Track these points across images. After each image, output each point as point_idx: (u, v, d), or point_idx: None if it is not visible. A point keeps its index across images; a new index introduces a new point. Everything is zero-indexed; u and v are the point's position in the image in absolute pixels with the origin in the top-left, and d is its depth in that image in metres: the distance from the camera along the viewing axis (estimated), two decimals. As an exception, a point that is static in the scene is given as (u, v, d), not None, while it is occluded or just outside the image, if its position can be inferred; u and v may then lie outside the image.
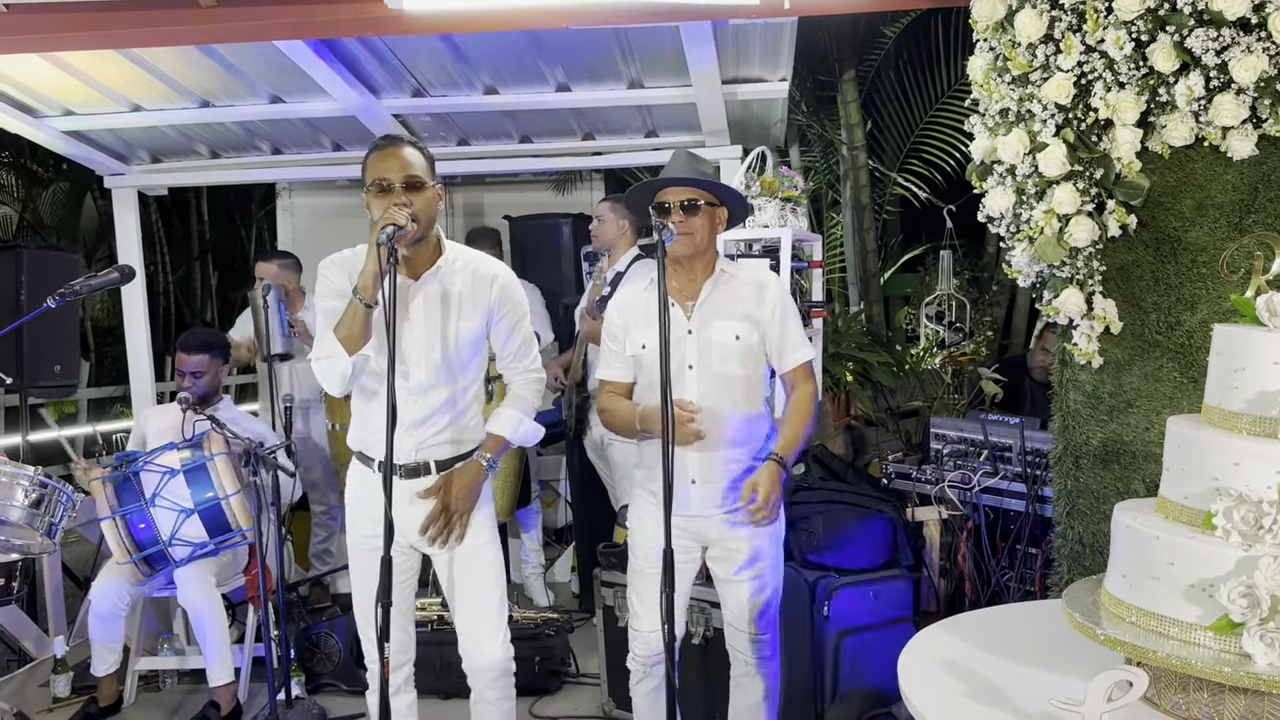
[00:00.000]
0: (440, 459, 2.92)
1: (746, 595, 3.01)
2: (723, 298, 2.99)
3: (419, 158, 2.78)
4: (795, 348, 3.03)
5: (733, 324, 2.97)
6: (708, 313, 2.98)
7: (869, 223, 8.99)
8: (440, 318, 2.86)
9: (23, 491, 3.50)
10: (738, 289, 3.00)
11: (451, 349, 2.87)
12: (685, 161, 3.02)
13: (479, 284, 2.90)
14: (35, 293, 5.28)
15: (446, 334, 2.87)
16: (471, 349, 2.92)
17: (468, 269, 2.90)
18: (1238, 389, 1.93)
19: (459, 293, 2.88)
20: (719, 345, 2.95)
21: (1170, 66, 2.74)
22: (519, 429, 3.01)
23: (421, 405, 2.87)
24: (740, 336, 2.96)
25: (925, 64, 9.14)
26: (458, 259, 2.91)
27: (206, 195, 13.16)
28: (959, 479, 4.01)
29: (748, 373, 2.98)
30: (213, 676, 3.98)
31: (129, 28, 3.72)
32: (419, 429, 2.88)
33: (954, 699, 2.05)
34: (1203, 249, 2.91)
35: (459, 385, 2.92)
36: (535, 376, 3.05)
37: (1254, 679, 1.71)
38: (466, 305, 2.88)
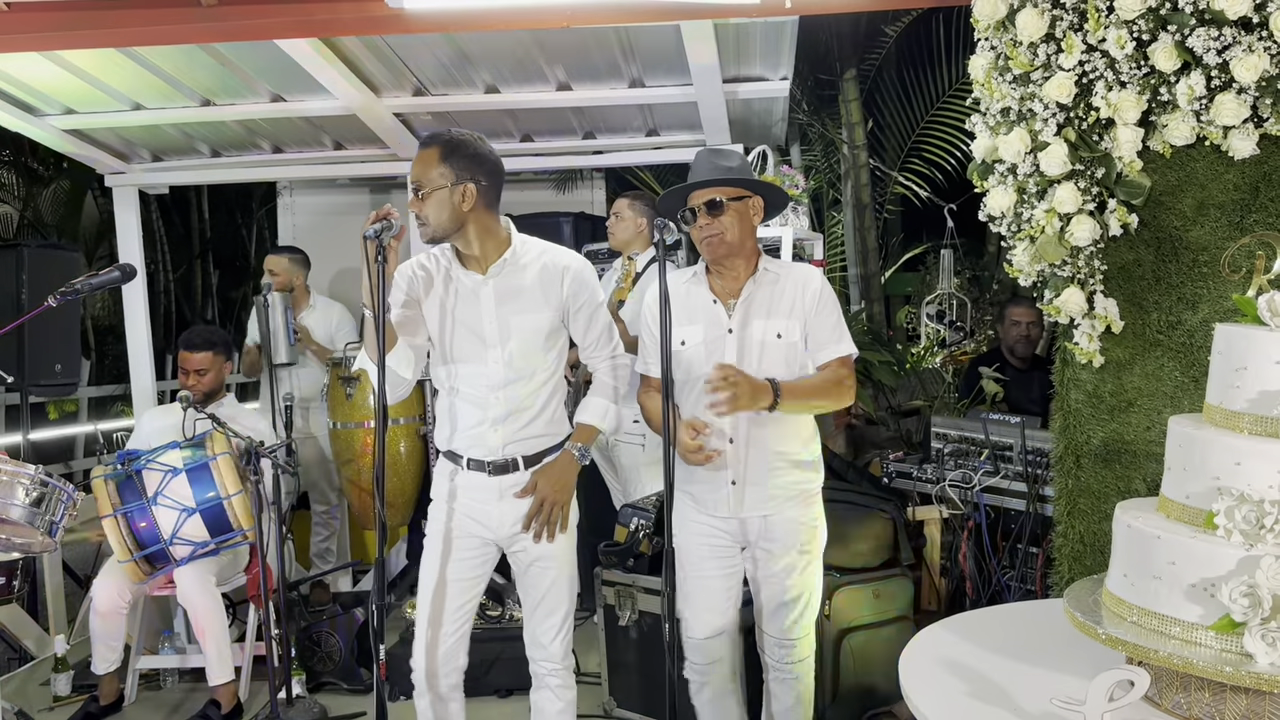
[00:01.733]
0: (527, 454, 2.92)
1: (777, 596, 2.97)
2: (765, 296, 2.94)
3: (431, 159, 2.77)
4: (831, 342, 2.93)
5: (774, 322, 2.92)
6: (749, 311, 2.93)
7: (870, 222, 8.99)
8: (511, 312, 2.86)
9: (23, 490, 3.50)
10: (781, 286, 2.95)
11: (525, 342, 2.87)
12: (705, 161, 2.97)
13: (549, 276, 2.89)
14: (36, 291, 5.29)
15: (519, 328, 2.86)
16: (545, 341, 2.91)
17: (537, 262, 2.90)
18: (1239, 388, 1.93)
19: (529, 286, 2.88)
20: (759, 344, 2.91)
21: (1171, 66, 2.74)
22: (607, 416, 3.00)
23: (502, 401, 2.88)
24: (782, 335, 2.92)
25: (926, 63, 9.14)
26: (527, 252, 2.91)
27: (207, 194, 13.17)
28: (960, 478, 4.01)
29: (790, 372, 2.91)
30: (213, 675, 3.98)
31: (130, 26, 3.72)
32: (502, 425, 2.88)
33: (955, 698, 2.05)
34: (1204, 248, 2.91)
35: (537, 379, 2.91)
36: (621, 362, 3.05)
37: (1255, 678, 1.71)
38: (537, 297, 2.88)
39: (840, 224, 9.45)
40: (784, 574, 2.96)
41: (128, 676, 4.27)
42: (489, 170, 2.83)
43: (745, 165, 3.01)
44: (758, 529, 2.97)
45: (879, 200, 9.41)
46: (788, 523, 2.95)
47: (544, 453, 2.95)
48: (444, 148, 2.78)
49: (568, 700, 3.04)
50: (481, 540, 2.94)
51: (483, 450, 2.89)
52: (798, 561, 2.96)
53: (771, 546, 2.96)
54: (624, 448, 4.61)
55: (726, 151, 3.03)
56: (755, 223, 2.98)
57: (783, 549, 2.95)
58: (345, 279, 6.59)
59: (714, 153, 3.01)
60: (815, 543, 3.02)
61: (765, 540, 2.97)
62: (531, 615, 3.01)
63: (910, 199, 9.68)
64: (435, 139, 2.81)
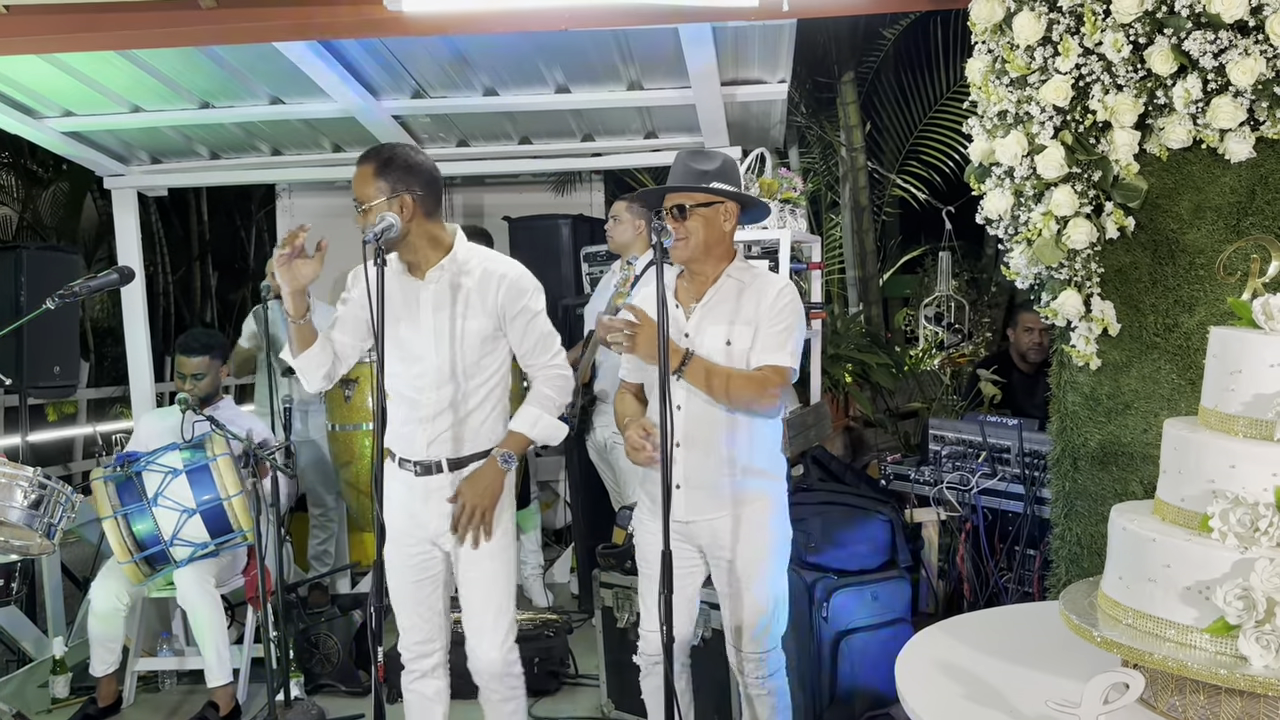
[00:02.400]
0: (450, 456, 2.94)
1: (739, 613, 2.96)
2: (722, 302, 2.94)
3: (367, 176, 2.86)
4: (771, 349, 2.87)
5: (725, 328, 2.90)
6: (704, 317, 2.94)
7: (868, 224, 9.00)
8: (447, 316, 2.90)
9: (22, 492, 3.50)
10: (745, 294, 2.93)
11: (458, 347, 2.91)
12: (680, 164, 2.96)
13: (487, 282, 2.93)
14: (35, 293, 5.28)
15: (452, 332, 2.91)
16: (481, 346, 2.94)
17: (478, 269, 2.94)
18: (1234, 391, 1.94)
19: (467, 291, 2.92)
20: (709, 351, 2.89)
21: (1168, 69, 2.75)
22: (538, 425, 2.99)
23: (432, 402, 2.92)
24: (732, 342, 2.89)
25: (924, 66, 9.15)
26: (470, 258, 2.95)
27: (206, 196, 13.16)
28: (957, 480, 4.01)
29: None
30: (211, 677, 3.99)
31: (129, 29, 3.72)
32: (429, 425, 2.93)
33: (951, 700, 2.06)
34: (1200, 251, 2.92)
35: (470, 383, 2.94)
36: (557, 372, 3.04)
37: (1250, 681, 1.72)
38: (475, 303, 2.92)
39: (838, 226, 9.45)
40: (743, 587, 2.93)
41: (126, 678, 4.27)
42: (424, 180, 2.88)
43: (726, 170, 2.94)
44: (708, 534, 2.94)
45: (877, 203, 9.41)
46: (739, 531, 2.91)
47: (471, 457, 2.96)
48: (378, 164, 2.85)
49: (507, 712, 3.06)
50: (418, 539, 2.99)
51: (410, 449, 2.95)
52: (755, 572, 2.92)
53: (723, 554, 2.94)
54: (621, 450, 4.60)
55: (706, 154, 2.98)
56: (727, 228, 2.94)
57: (738, 559, 2.91)
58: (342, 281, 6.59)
59: (692, 155, 2.97)
60: (772, 549, 2.96)
61: (717, 548, 2.95)
62: (469, 623, 3.01)
63: (908, 201, 9.69)
64: (368, 156, 2.89)
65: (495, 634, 2.98)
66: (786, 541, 3.03)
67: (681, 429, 2.88)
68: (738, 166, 3.08)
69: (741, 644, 2.98)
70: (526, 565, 5.42)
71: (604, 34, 4.39)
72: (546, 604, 5.34)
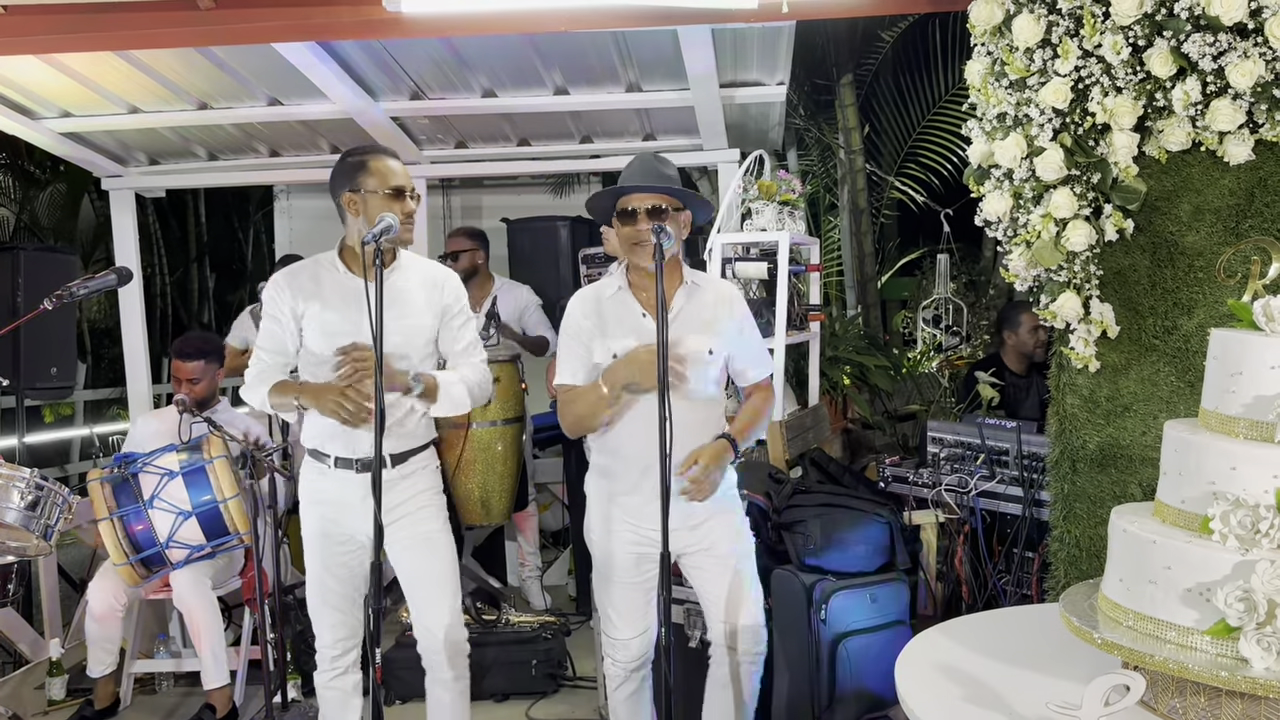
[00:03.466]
0: (394, 452, 3.04)
1: (733, 591, 3.00)
2: (694, 310, 2.96)
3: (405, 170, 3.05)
4: (760, 363, 3.08)
5: (705, 338, 2.94)
6: (681, 326, 2.92)
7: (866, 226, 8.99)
8: (393, 316, 2.95)
9: (19, 493, 3.49)
10: (706, 300, 2.98)
11: (404, 344, 3.00)
12: (649, 166, 2.95)
13: (430, 285, 3.07)
14: (32, 294, 5.27)
15: (399, 330, 2.98)
16: (425, 346, 3.07)
17: (420, 271, 3.09)
18: (1234, 393, 1.94)
19: (411, 291, 3.04)
20: (692, 360, 2.89)
21: (1167, 71, 2.75)
22: (454, 386, 3.04)
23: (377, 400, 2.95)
24: (713, 351, 2.95)
25: (923, 68, 9.15)
26: (411, 263, 3.09)
27: (204, 197, 13.15)
28: (956, 482, 4.01)
29: (717, 388, 2.99)
30: (208, 679, 3.98)
31: (127, 29, 3.72)
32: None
33: (951, 702, 2.05)
34: (1199, 253, 2.92)
35: None
36: (484, 367, 3.17)
37: (1251, 683, 1.72)
38: (419, 303, 3.04)
39: (837, 228, 9.45)
40: (729, 569, 3.00)
41: (123, 680, 4.26)
42: None
43: (682, 177, 3.05)
44: (684, 541, 2.97)
45: (875, 205, 9.41)
46: (716, 529, 2.97)
47: (411, 451, 3.08)
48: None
49: (460, 690, 3.14)
50: (351, 538, 3.04)
51: (352, 448, 3.00)
52: (738, 551, 3.02)
53: (704, 562, 2.99)
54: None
55: (667, 159, 3.03)
56: (684, 236, 2.99)
57: (722, 549, 2.99)
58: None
59: (656, 158, 3.00)
60: (743, 528, 3.07)
61: (696, 547, 2.98)
62: (414, 603, 3.10)
63: (907, 204, 9.69)
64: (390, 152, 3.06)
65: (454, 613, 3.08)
66: (750, 537, 3.11)
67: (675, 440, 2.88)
68: None
69: (738, 620, 3.02)
70: (524, 568, 5.41)
71: (603, 36, 4.39)
72: (544, 606, 5.33)
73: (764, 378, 3.11)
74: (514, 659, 4.23)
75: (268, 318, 3.06)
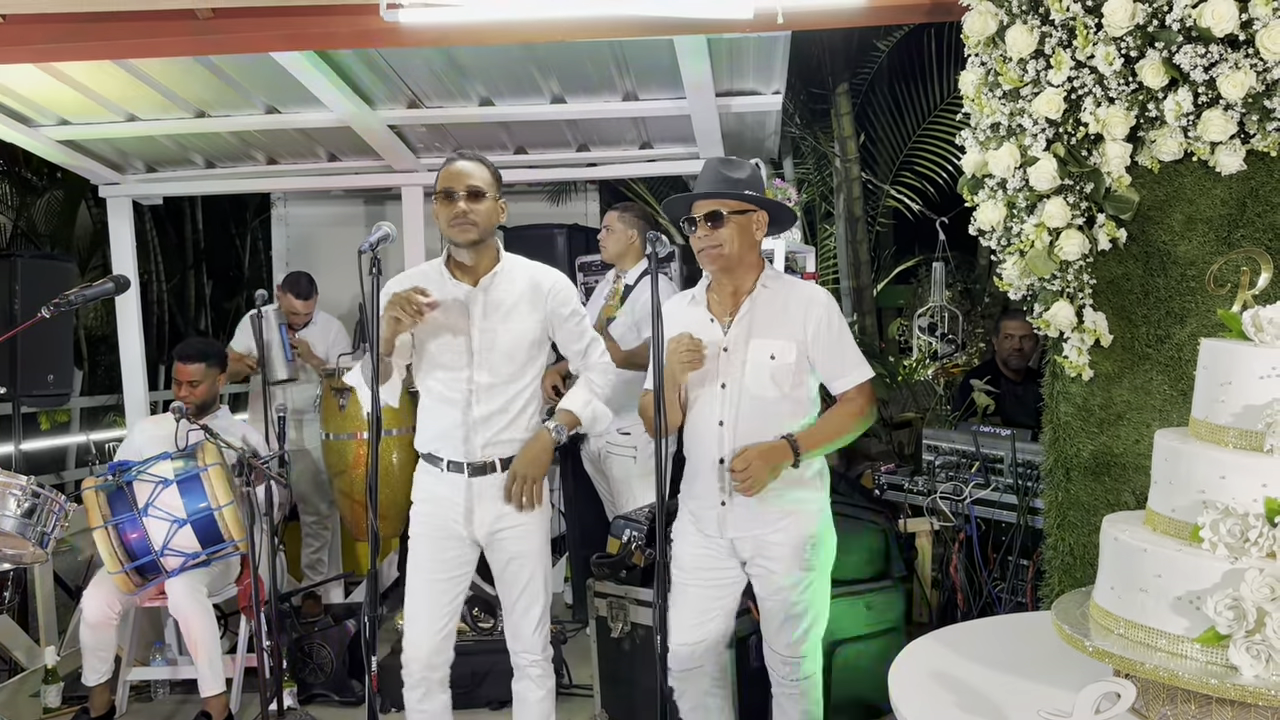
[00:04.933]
0: (504, 457, 3.07)
1: (779, 614, 2.97)
2: (762, 314, 2.93)
3: (481, 170, 3.02)
4: (848, 370, 2.96)
5: (769, 342, 2.90)
6: (744, 330, 2.92)
7: (862, 235, 9.02)
8: (498, 321, 3.03)
9: (15, 501, 3.50)
10: (781, 305, 2.94)
11: (508, 350, 3.04)
12: (712, 171, 2.95)
13: (536, 290, 3.09)
14: (29, 301, 5.28)
15: (503, 336, 3.03)
16: (529, 350, 3.09)
17: (525, 275, 3.10)
18: (1224, 403, 1.95)
19: (516, 297, 3.06)
20: (753, 364, 2.89)
21: (1159, 82, 2.77)
22: (589, 407, 3.16)
23: (484, 405, 3.03)
24: (776, 356, 2.89)
25: (918, 78, 9.19)
26: (515, 267, 3.11)
27: (201, 205, 13.15)
28: (951, 490, 4.02)
29: (784, 393, 2.91)
30: (204, 687, 3.98)
31: (126, 38, 3.73)
32: (483, 428, 3.03)
33: (945, 709, 2.06)
34: (1191, 263, 2.93)
35: (518, 385, 3.08)
36: (606, 365, 3.21)
37: (1240, 691, 1.72)
38: (523, 308, 3.07)
39: (832, 237, 9.48)
40: (785, 591, 2.95)
41: (119, 688, 4.25)
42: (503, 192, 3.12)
43: (755, 178, 2.98)
44: (751, 547, 2.96)
45: (871, 213, 9.44)
46: (783, 542, 2.93)
47: None
48: (490, 167, 3.05)
49: (548, 688, 3.20)
50: (461, 540, 3.09)
51: (462, 452, 3.04)
52: (800, 579, 2.95)
53: (769, 565, 2.95)
54: (615, 459, 4.61)
55: (737, 162, 3.00)
56: (758, 237, 2.97)
57: (782, 568, 2.93)
58: (338, 290, 6.60)
59: (723, 162, 2.99)
60: (818, 559, 2.99)
61: (762, 558, 2.96)
62: (511, 611, 3.16)
63: (902, 212, 9.72)
64: (478, 158, 3.06)
65: (545, 623, 3.16)
66: (830, 551, 3.04)
67: (729, 446, 2.90)
68: (761, 175, 3.10)
69: (776, 645, 3.01)
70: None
71: (600, 45, 4.41)
72: (540, 613, 5.33)
73: (850, 387, 2.96)
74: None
75: None
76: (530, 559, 3.11)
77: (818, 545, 2.98)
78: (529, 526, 3.10)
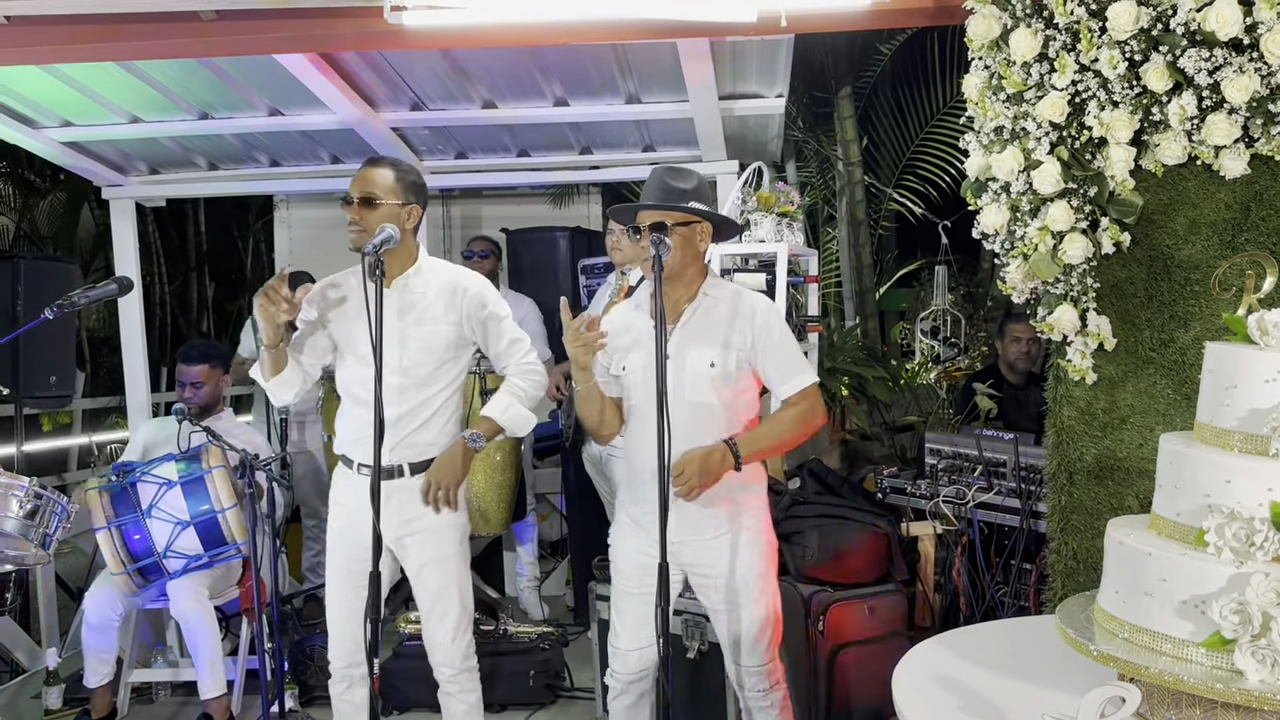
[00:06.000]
0: (413, 461, 3.07)
1: (732, 625, 2.96)
2: (702, 322, 2.94)
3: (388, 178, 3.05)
4: (790, 375, 2.95)
5: (708, 350, 2.91)
6: (685, 338, 2.93)
7: (865, 238, 9.02)
8: (411, 322, 3.03)
9: (17, 502, 3.50)
10: (720, 312, 2.94)
11: (421, 351, 3.04)
12: (657, 182, 2.95)
13: (451, 293, 3.09)
14: (32, 303, 5.27)
15: (416, 337, 3.03)
16: (443, 353, 3.08)
17: (442, 279, 3.10)
18: (1229, 406, 1.95)
19: (431, 299, 3.06)
20: (693, 372, 2.90)
21: (1163, 86, 2.77)
22: (508, 412, 3.14)
23: (395, 407, 3.02)
24: (715, 364, 2.90)
25: (921, 81, 9.20)
26: (433, 270, 3.12)
27: (204, 207, 13.17)
28: (954, 494, 4.01)
29: (725, 400, 2.91)
30: (205, 689, 3.98)
31: (130, 40, 3.73)
32: (392, 430, 3.01)
33: (948, 714, 2.06)
34: (1196, 266, 2.93)
35: (432, 389, 3.09)
36: (530, 368, 3.19)
37: (1246, 695, 1.72)
38: (438, 310, 3.06)
39: (835, 240, 9.48)
40: (741, 602, 2.94)
41: (120, 690, 4.25)
42: (425, 198, 3.16)
43: (701, 189, 2.97)
44: (693, 554, 2.95)
45: (874, 217, 9.44)
46: (725, 547, 2.92)
47: (429, 462, 3.10)
48: (396, 171, 3.08)
49: (470, 703, 3.18)
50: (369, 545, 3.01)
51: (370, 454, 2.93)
52: (752, 586, 2.94)
53: (710, 572, 2.95)
54: (617, 462, 4.60)
55: (684, 172, 2.99)
56: (701, 248, 2.96)
57: (735, 576, 2.92)
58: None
59: (669, 172, 2.97)
60: (765, 560, 2.98)
61: (707, 566, 2.95)
62: (426, 620, 3.14)
63: (905, 215, 9.72)
64: (385, 161, 3.13)
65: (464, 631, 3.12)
66: (774, 549, 3.05)
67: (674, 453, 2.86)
68: (707, 186, 3.09)
69: (741, 658, 2.98)
70: (522, 578, 5.41)
71: (603, 48, 4.41)
72: (542, 616, 5.33)
73: (792, 393, 2.94)
74: (512, 669, 4.22)
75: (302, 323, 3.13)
76: (442, 565, 3.09)
77: (766, 546, 2.99)
78: (437, 533, 3.08)
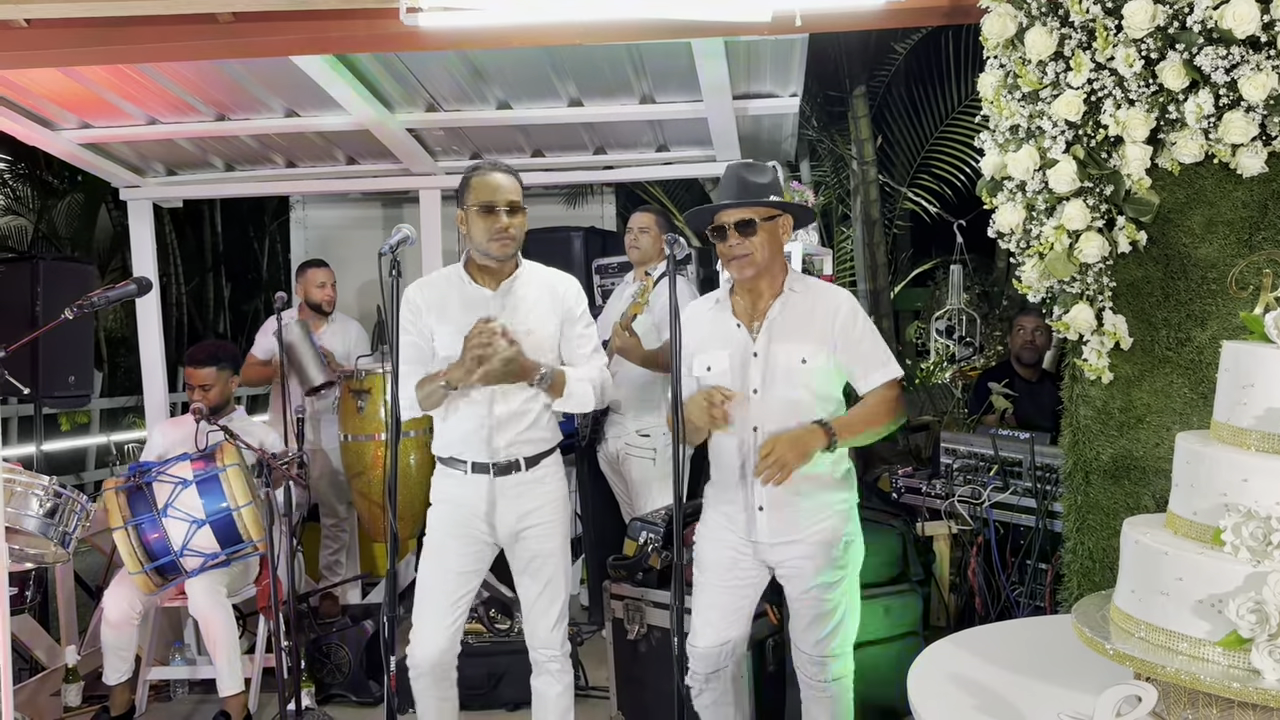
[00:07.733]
0: (527, 455, 3.13)
1: (808, 613, 2.97)
2: (790, 318, 2.93)
3: (515, 184, 3.17)
4: (875, 368, 2.95)
5: (799, 346, 2.90)
6: (773, 334, 2.92)
7: (879, 237, 9.00)
8: (519, 323, 3.09)
9: (38, 501, 3.53)
10: (808, 308, 2.94)
11: (531, 351, 3.07)
12: (736, 178, 2.94)
13: (552, 292, 3.18)
14: (50, 303, 5.32)
15: (524, 338, 3.07)
16: (549, 353, 3.15)
17: (541, 279, 3.20)
18: (1246, 405, 1.94)
19: (534, 300, 3.15)
20: (785, 369, 2.90)
21: (1180, 84, 2.75)
22: (580, 384, 3.14)
23: (506, 404, 3.09)
24: (807, 360, 2.90)
25: (935, 80, 9.18)
26: (532, 271, 3.21)
27: (220, 208, 13.25)
28: (969, 494, 4.01)
29: (817, 397, 2.91)
30: (223, 686, 4.00)
31: (148, 43, 3.75)
32: (506, 427, 3.09)
33: (964, 713, 2.06)
34: (1212, 265, 2.92)
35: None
36: (606, 376, 3.24)
37: (1263, 694, 1.72)
38: (543, 310, 3.14)
39: (849, 239, 9.46)
40: (815, 590, 2.94)
41: (138, 687, 4.28)
42: None
43: (776, 182, 2.98)
44: (784, 552, 2.96)
45: (888, 216, 9.43)
46: (815, 542, 2.93)
47: (543, 454, 3.17)
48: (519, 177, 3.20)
49: (566, 683, 3.25)
50: (479, 541, 3.15)
51: (486, 453, 3.08)
52: (831, 578, 2.95)
53: (802, 564, 2.95)
54: (634, 461, 4.62)
55: (758, 167, 2.99)
56: (784, 241, 2.97)
57: (813, 566, 2.93)
58: (356, 293, 6.63)
59: (745, 167, 2.97)
60: (849, 557, 3.00)
61: (796, 558, 2.95)
62: (531, 609, 3.20)
63: (920, 215, 9.71)
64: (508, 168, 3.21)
65: (563, 620, 3.21)
66: (860, 551, 3.04)
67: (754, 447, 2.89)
68: (780, 178, 3.10)
69: (804, 644, 3.01)
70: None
71: (617, 48, 4.41)
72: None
73: (878, 384, 2.94)
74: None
75: (404, 332, 3.10)
76: (552, 558, 3.17)
77: (849, 545, 2.99)
78: (552, 525, 3.16)
